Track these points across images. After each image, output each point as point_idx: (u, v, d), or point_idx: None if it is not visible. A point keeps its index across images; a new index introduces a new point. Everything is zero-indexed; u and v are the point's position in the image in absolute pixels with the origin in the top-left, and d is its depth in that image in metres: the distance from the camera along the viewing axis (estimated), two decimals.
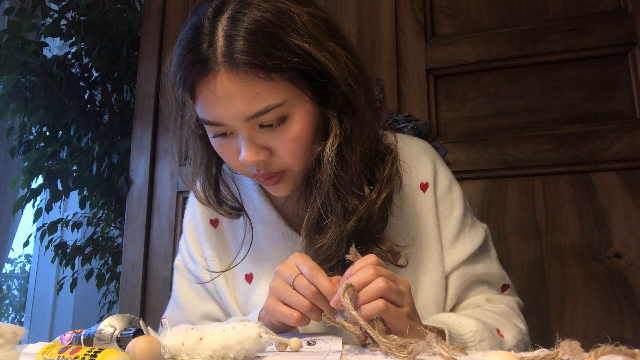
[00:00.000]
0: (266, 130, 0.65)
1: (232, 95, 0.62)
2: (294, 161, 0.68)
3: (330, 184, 0.69)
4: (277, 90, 0.63)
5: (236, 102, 0.63)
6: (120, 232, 2.06)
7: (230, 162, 0.71)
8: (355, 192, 0.70)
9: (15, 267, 4.13)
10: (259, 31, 0.62)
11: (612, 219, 1.26)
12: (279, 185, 0.71)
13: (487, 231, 0.86)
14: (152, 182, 1.72)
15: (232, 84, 0.62)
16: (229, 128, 0.66)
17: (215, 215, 0.85)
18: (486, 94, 1.41)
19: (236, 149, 0.68)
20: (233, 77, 0.62)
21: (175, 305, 0.88)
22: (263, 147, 0.67)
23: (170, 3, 1.82)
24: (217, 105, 0.64)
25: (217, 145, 0.70)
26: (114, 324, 0.53)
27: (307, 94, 0.66)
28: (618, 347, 0.43)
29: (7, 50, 1.93)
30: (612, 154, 1.27)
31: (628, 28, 1.31)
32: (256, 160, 0.66)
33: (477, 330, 0.69)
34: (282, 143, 0.66)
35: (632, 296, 1.21)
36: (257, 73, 0.62)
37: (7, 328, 0.54)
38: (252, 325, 0.52)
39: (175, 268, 0.91)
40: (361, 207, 0.70)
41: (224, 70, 0.62)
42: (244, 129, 0.65)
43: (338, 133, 0.68)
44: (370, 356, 0.55)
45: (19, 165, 2.34)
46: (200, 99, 0.65)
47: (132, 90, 2.15)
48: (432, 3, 1.50)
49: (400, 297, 0.60)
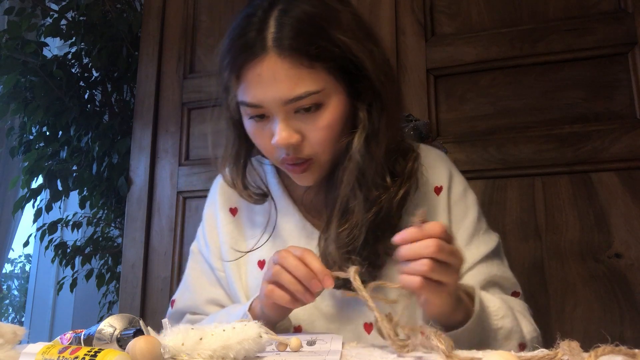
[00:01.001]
0: (301, 115, 0.71)
1: (277, 78, 0.68)
2: (322, 149, 0.73)
3: (356, 174, 0.73)
4: (317, 78, 0.69)
5: (279, 85, 0.68)
6: (120, 232, 2.06)
7: (262, 145, 0.76)
8: (379, 183, 0.74)
9: (15, 267, 4.13)
10: (307, 22, 0.69)
11: (612, 219, 1.26)
12: (305, 174, 0.75)
13: (500, 240, 0.88)
14: (152, 182, 1.72)
15: (278, 68, 0.68)
16: (266, 111, 0.71)
17: (235, 204, 0.90)
18: (486, 94, 1.41)
19: (269, 132, 0.72)
20: (280, 62, 0.68)
21: (185, 287, 0.92)
22: (296, 132, 0.71)
23: (170, 3, 1.82)
24: (260, 87, 0.69)
25: (252, 129, 0.75)
26: (114, 324, 0.53)
27: (342, 86, 0.72)
28: (618, 347, 0.43)
29: (7, 50, 1.93)
30: (612, 154, 1.27)
31: (628, 28, 1.31)
32: (288, 143, 0.71)
33: (501, 306, 0.71)
34: (314, 129, 0.71)
35: (632, 296, 1.21)
36: (301, 60, 0.68)
37: (7, 328, 0.54)
38: (252, 325, 0.52)
39: (190, 252, 0.95)
40: (383, 197, 0.74)
41: (272, 54, 0.68)
42: (281, 112, 0.70)
43: (366, 125, 0.73)
44: (369, 355, 0.55)
45: (19, 165, 2.34)
46: (245, 81, 0.70)
47: (132, 90, 2.15)
48: (432, 3, 1.50)
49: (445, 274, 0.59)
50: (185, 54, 1.76)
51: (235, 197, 0.90)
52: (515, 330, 0.70)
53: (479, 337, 0.67)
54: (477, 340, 0.67)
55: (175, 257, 1.64)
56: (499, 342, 0.68)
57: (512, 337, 0.70)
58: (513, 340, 0.70)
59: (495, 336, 0.68)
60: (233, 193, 0.89)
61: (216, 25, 1.75)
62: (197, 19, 1.78)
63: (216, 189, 0.93)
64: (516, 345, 0.70)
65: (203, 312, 0.88)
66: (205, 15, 1.77)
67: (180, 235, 1.65)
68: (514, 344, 0.70)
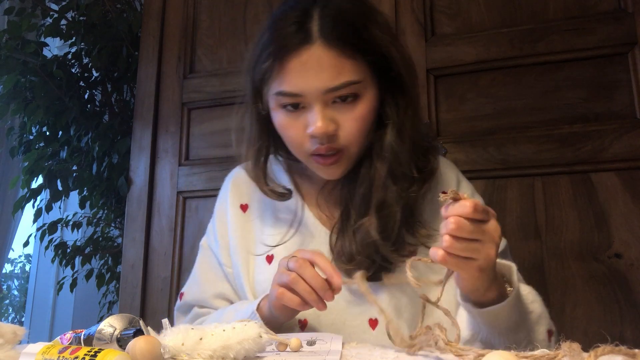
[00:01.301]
0: (337, 106, 0.74)
1: (321, 67, 0.71)
2: (354, 139, 0.76)
3: (388, 167, 0.77)
4: (358, 69, 0.73)
5: (323, 74, 0.71)
6: (120, 232, 2.06)
7: (293, 137, 0.77)
8: (408, 176, 0.78)
9: (15, 267, 4.13)
10: (350, 17, 0.73)
11: (612, 219, 1.26)
12: (334, 166, 0.78)
13: (507, 244, 0.89)
14: (152, 182, 1.72)
15: (324, 56, 0.71)
16: (304, 100, 0.74)
17: (246, 201, 0.92)
18: (486, 94, 1.41)
19: (303, 123, 0.75)
20: (326, 51, 0.71)
21: (193, 281, 0.94)
22: (332, 121, 0.74)
23: (170, 3, 1.81)
24: (304, 75, 0.72)
25: (284, 120, 0.77)
26: (114, 324, 0.53)
27: (376, 80, 0.76)
28: (618, 347, 0.43)
29: (7, 50, 1.93)
30: (612, 154, 1.27)
31: (628, 28, 1.31)
32: (326, 132, 0.73)
33: (530, 291, 0.72)
34: (349, 120, 0.74)
35: (632, 296, 1.21)
36: (344, 51, 0.71)
37: (7, 328, 0.54)
38: (252, 325, 0.52)
39: (200, 247, 0.97)
40: (411, 189, 0.78)
41: (318, 43, 0.71)
42: (320, 102, 0.73)
43: (396, 121, 0.77)
44: (369, 355, 0.55)
45: (19, 165, 2.34)
46: (287, 69, 0.73)
47: (132, 90, 2.15)
48: (432, 3, 1.50)
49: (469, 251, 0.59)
50: (185, 54, 1.76)
51: (246, 194, 0.92)
52: (544, 316, 0.71)
53: (516, 317, 0.66)
54: (514, 321, 0.66)
55: (175, 257, 1.64)
56: (530, 326, 0.68)
57: (542, 322, 0.70)
58: (542, 325, 0.70)
59: (526, 319, 0.68)
60: (246, 189, 0.92)
61: (216, 25, 1.75)
62: (197, 19, 1.78)
63: (228, 186, 0.96)
64: (545, 330, 0.70)
65: (210, 306, 0.89)
66: (205, 15, 1.77)
67: (180, 235, 1.65)
68: (544, 329, 0.70)
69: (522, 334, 0.67)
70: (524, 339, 0.67)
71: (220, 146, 1.67)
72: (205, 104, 1.71)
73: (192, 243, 1.63)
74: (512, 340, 0.66)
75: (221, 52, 1.72)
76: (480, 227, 0.59)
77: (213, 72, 1.71)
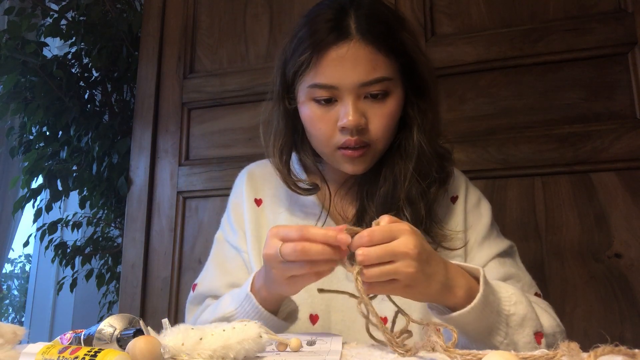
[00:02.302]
0: (368, 101, 0.77)
1: (358, 60, 0.75)
2: (382, 135, 0.79)
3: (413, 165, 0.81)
4: (391, 67, 0.77)
5: (359, 68, 0.75)
6: (120, 232, 2.06)
7: (322, 130, 0.80)
8: (432, 175, 0.82)
9: (15, 267, 4.13)
10: (384, 19, 0.78)
11: (612, 219, 1.26)
12: (360, 159, 0.80)
13: (514, 246, 0.91)
14: (152, 182, 1.72)
15: (361, 52, 0.75)
16: (338, 93, 0.77)
17: (260, 196, 0.95)
18: (486, 94, 1.41)
19: (334, 117, 0.78)
20: (363, 46, 0.75)
21: (207, 272, 0.95)
22: (363, 115, 0.77)
23: (170, 3, 1.81)
24: (340, 68, 0.75)
25: (314, 113, 0.80)
26: (114, 324, 0.53)
27: (404, 81, 0.80)
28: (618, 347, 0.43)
29: (7, 50, 1.93)
30: (612, 154, 1.27)
31: (628, 28, 1.31)
32: (358, 124, 0.76)
33: (514, 292, 0.70)
34: (378, 116, 0.78)
35: (632, 296, 1.21)
36: (380, 48, 0.76)
37: (7, 328, 0.54)
38: (252, 325, 0.52)
39: (215, 240, 0.99)
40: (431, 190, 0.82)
41: (356, 39, 0.75)
42: (353, 95, 0.76)
43: (419, 121, 0.82)
44: (369, 355, 0.55)
45: (19, 165, 2.34)
46: (324, 62, 0.76)
47: (132, 90, 2.15)
48: (432, 3, 1.50)
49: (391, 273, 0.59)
50: (185, 54, 1.76)
51: (262, 189, 0.95)
52: (529, 317, 0.69)
53: (488, 321, 0.65)
54: (487, 326, 0.65)
55: (175, 257, 1.64)
56: (512, 329, 0.67)
57: (526, 324, 0.69)
58: (527, 327, 0.69)
59: (507, 322, 0.67)
60: (260, 184, 0.95)
61: (216, 25, 1.75)
62: (197, 19, 1.78)
63: (244, 179, 0.98)
64: (531, 333, 0.69)
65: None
66: (205, 15, 1.77)
67: (180, 235, 1.65)
68: (529, 331, 0.69)
69: (499, 338, 0.66)
70: (502, 344, 0.66)
71: (220, 146, 1.67)
72: (205, 104, 1.71)
73: (192, 243, 1.63)
74: (489, 345, 0.65)
75: (221, 52, 1.72)
76: (387, 249, 0.58)
77: (213, 72, 1.71)
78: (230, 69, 1.69)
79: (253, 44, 1.69)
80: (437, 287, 0.62)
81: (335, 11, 0.78)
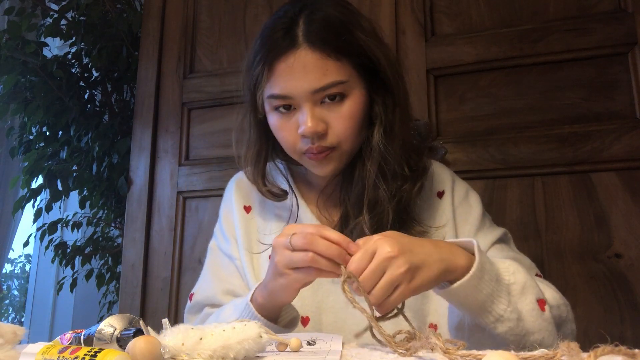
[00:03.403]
0: (326, 105, 0.77)
1: (307, 69, 0.75)
2: (345, 137, 0.79)
3: (378, 164, 0.80)
4: (343, 70, 0.77)
5: (309, 75, 0.75)
6: (120, 232, 2.06)
7: (286, 138, 0.81)
8: (399, 173, 0.81)
9: (15, 267, 4.13)
10: (334, 22, 0.77)
11: (612, 219, 1.26)
12: (326, 161, 0.80)
13: (508, 233, 0.91)
14: (152, 182, 1.72)
15: (309, 59, 0.75)
16: (294, 102, 0.78)
17: (249, 203, 0.97)
18: (486, 94, 1.41)
19: (295, 124, 0.79)
20: (310, 54, 0.75)
21: (203, 280, 0.96)
22: (322, 121, 0.77)
23: (170, 3, 1.81)
24: (291, 78, 0.76)
25: (277, 122, 0.81)
26: (114, 324, 0.53)
27: (362, 81, 0.80)
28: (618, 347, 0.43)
29: (7, 50, 1.93)
30: (612, 154, 1.27)
31: (628, 28, 1.31)
32: (316, 131, 0.76)
33: (511, 264, 0.71)
34: (338, 119, 0.78)
35: (632, 296, 1.21)
36: (329, 52, 0.75)
37: (7, 328, 0.54)
38: (252, 325, 0.52)
39: (209, 249, 1.00)
40: (404, 187, 0.81)
41: (303, 47, 0.75)
42: (308, 102, 0.77)
43: (383, 119, 0.81)
44: (369, 355, 0.55)
45: (19, 165, 2.34)
46: (276, 73, 0.77)
47: (132, 90, 2.15)
48: (432, 3, 1.50)
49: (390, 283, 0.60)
50: (185, 54, 1.76)
51: (250, 196, 0.96)
52: (530, 285, 0.70)
53: (487, 289, 0.65)
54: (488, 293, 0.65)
55: (175, 257, 1.64)
56: (514, 297, 0.68)
57: (527, 291, 0.69)
58: (529, 294, 0.69)
59: (508, 291, 0.67)
60: (248, 192, 0.96)
61: (216, 25, 1.75)
62: (197, 19, 1.78)
63: (232, 188, 0.99)
64: (534, 300, 0.69)
65: (220, 303, 0.90)
66: (205, 15, 1.77)
67: (180, 235, 1.65)
68: (531, 298, 0.69)
69: (502, 307, 0.66)
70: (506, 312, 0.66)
71: (220, 146, 1.67)
72: (205, 104, 1.71)
73: (192, 243, 1.63)
74: (493, 316, 0.66)
75: (221, 52, 1.72)
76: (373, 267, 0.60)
77: (213, 72, 1.71)
78: (230, 69, 1.69)
79: None
80: (436, 266, 0.62)
81: (285, 20, 0.78)
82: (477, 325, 0.68)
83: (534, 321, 0.68)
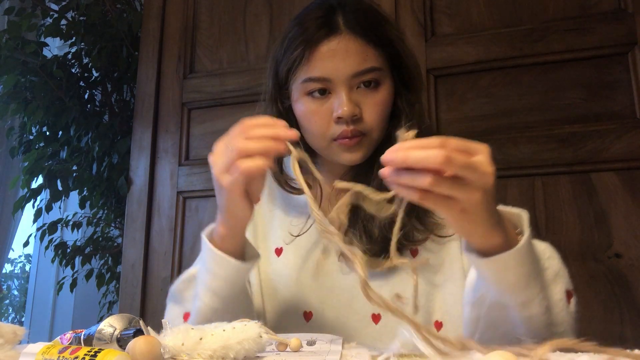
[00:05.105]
0: (361, 91, 0.80)
1: (349, 52, 0.78)
2: (376, 124, 0.81)
3: None
4: (380, 58, 0.81)
5: (350, 59, 0.78)
6: (120, 232, 2.06)
7: (318, 123, 0.81)
8: None
9: (15, 267, 4.13)
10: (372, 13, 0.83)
11: (612, 219, 1.26)
12: (356, 147, 0.81)
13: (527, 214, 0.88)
14: (152, 182, 1.72)
15: (351, 44, 0.78)
16: (331, 85, 0.79)
17: None
18: (486, 94, 1.41)
19: (329, 109, 0.80)
20: (352, 40, 0.79)
21: None
22: (357, 105, 0.80)
23: (170, 3, 1.82)
24: (332, 61, 0.78)
25: (309, 107, 0.81)
26: (114, 324, 0.53)
27: (392, 73, 0.83)
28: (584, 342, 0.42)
29: (7, 50, 1.93)
30: (612, 154, 1.27)
31: (628, 28, 1.31)
32: (353, 113, 0.78)
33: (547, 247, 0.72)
34: (372, 105, 0.80)
35: (632, 296, 1.21)
36: (368, 40, 0.79)
37: (7, 328, 0.54)
38: (252, 325, 0.52)
39: None
40: None
41: (346, 33, 0.79)
42: (345, 86, 0.79)
43: (408, 114, 0.83)
44: (369, 355, 0.55)
45: (19, 165, 2.34)
46: (317, 56, 0.79)
47: (132, 90, 2.15)
48: (432, 3, 1.50)
49: (456, 189, 0.52)
50: (185, 54, 1.76)
51: None
52: (562, 275, 0.69)
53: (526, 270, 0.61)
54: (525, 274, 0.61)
55: (175, 257, 1.64)
56: (546, 283, 0.65)
57: (559, 280, 0.68)
58: (560, 283, 0.67)
59: (540, 275, 0.65)
60: None
61: (216, 25, 1.75)
62: (197, 19, 1.78)
63: None
64: (563, 290, 0.67)
65: None
66: (205, 15, 1.77)
67: (180, 235, 1.65)
68: (561, 288, 0.67)
69: (535, 290, 0.62)
70: (537, 297, 0.62)
71: None
72: (205, 104, 1.71)
73: (192, 243, 1.63)
74: (523, 298, 0.61)
75: (221, 52, 1.72)
76: (469, 162, 0.53)
77: (213, 72, 1.71)
78: (230, 69, 1.69)
79: (253, 44, 1.69)
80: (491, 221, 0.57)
81: (324, 10, 0.81)
82: (499, 303, 0.64)
83: (559, 312, 0.65)
